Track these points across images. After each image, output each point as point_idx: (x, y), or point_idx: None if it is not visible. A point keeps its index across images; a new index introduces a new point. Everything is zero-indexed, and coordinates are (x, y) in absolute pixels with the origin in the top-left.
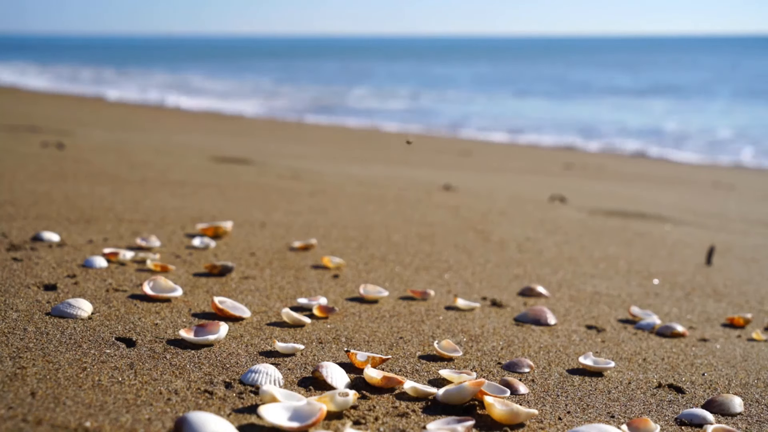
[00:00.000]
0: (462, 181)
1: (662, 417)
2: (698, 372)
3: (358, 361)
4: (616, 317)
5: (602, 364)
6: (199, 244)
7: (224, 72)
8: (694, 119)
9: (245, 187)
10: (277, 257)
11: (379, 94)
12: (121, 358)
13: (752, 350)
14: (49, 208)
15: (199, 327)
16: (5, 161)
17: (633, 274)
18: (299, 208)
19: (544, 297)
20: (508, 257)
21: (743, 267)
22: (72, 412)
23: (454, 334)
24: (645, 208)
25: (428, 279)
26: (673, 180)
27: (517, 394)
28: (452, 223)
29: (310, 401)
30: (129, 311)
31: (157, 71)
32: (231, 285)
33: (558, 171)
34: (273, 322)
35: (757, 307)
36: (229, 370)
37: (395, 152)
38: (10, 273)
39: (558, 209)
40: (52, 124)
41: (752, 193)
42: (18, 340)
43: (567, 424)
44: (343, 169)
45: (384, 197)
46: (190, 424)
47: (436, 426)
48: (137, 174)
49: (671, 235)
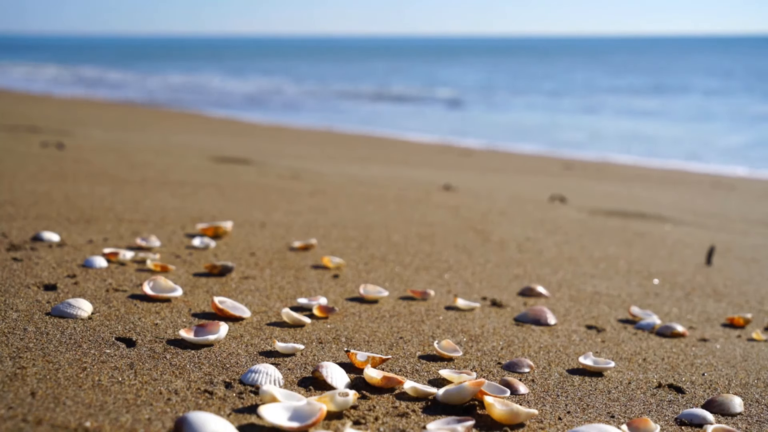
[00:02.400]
0: (462, 181)
1: (662, 417)
2: (698, 372)
3: (358, 361)
4: (616, 317)
5: (602, 364)
6: (199, 244)
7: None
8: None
9: (245, 187)
10: (277, 257)
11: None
12: (121, 358)
13: (752, 350)
14: (49, 208)
15: (199, 327)
16: (5, 161)
17: (633, 274)
18: (299, 208)
19: (544, 297)
20: (508, 257)
21: (743, 267)
22: (72, 412)
23: (454, 334)
24: (645, 208)
25: (428, 279)
26: (673, 180)
27: (517, 394)
28: (452, 223)
29: (310, 401)
30: (129, 311)
31: (171, 72)
32: (231, 285)
33: (558, 171)
34: (273, 322)
35: (757, 307)
36: (229, 370)
37: (395, 152)
38: (10, 273)
39: (558, 209)
40: (52, 124)
41: (752, 193)
42: (18, 340)
43: (567, 424)
44: (343, 169)
45: (384, 197)
46: (190, 424)
47: (436, 426)
48: (137, 174)
49: (671, 235)
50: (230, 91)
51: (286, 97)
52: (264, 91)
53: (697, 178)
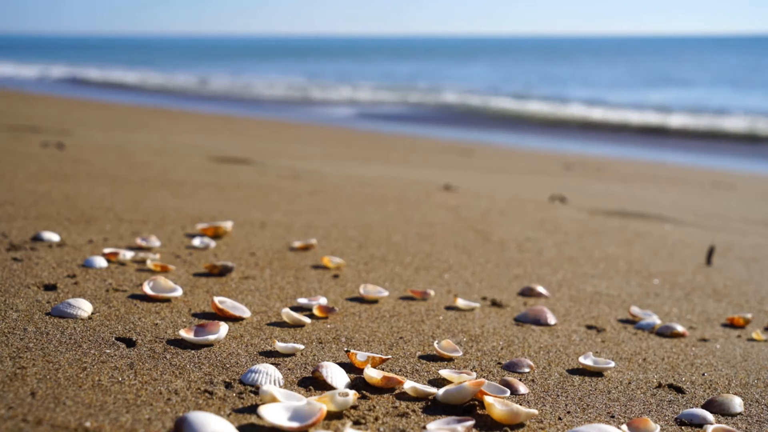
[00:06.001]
0: (462, 181)
1: (662, 417)
2: (698, 372)
3: (358, 361)
4: (616, 317)
5: (602, 364)
6: (199, 244)
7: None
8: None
9: (245, 187)
10: (277, 257)
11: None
12: (121, 358)
13: (752, 350)
14: (49, 208)
15: (199, 327)
16: (5, 161)
17: (633, 274)
18: (299, 208)
19: (544, 297)
20: (508, 257)
21: (743, 267)
22: (72, 412)
23: (454, 334)
24: (645, 208)
25: (428, 279)
26: (673, 180)
27: (517, 394)
28: (452, 223)
29: (310, 401)
30: (129, 311)
31: (178, 71)
32: (231, 285)
33: (558, 171)
34: (273, 322)
35: (757, 307)
36: (229, 370)
37: (395, 152)
38: (10, 273)
39: (558, 209)
40: (52, 124)
41: (752, 193)
42: (18, 340)
43: (567, 424)
44: (343, 169)
45: (384, 197)
46: (190, 424)
47: (436, 426)
48: (137, 174)
49: (671, 235)
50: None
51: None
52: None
53: (698, 177)
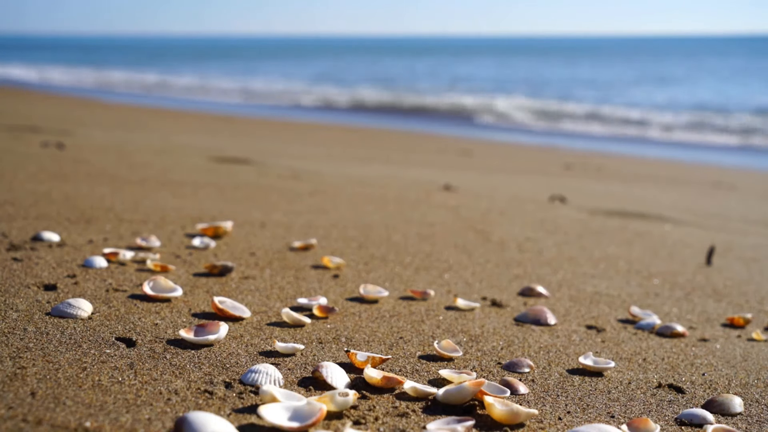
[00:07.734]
0: (462, 181)
1: (662, 417)
2: (698, 372)
3: (358, 361)
4: (616, 317)
5: (602, 364)
6: (199, 244)
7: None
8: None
9: (245, 187)
10: (277, 257)
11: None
12: (121, 358)
13: (752, 350)
14: (49, 208)
15: (199, 327)
16: (5, 161)
17: (633, 274)
18: (299, 208)
19: (544, 297)
20: (508, 257)
21: (743, 267)
22: (72, 412)
23: (454, 334)
24: (645, 208)
25: (428, 279)
26: (673, 180)
27: (517, 394)
28: (452, 223)
29: (310, 401)
30: (129, 311)
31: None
32: (231, 285)
33: (558, 171)
34: (273, 322)
35: (757, 307)
36: (229, 370)
37: (395, 152)
38: (10, 273)
39: (558, 209)
40: (52, 124)
41: (752, 193)
42: (18, 340)
43: (567, 424)
44: (343, 169)
45: (384, 197)
46: (190, 424)
47: (436, 426)
48: (137, 174)
49: (671, 235)
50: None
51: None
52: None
53: (698, 177)
